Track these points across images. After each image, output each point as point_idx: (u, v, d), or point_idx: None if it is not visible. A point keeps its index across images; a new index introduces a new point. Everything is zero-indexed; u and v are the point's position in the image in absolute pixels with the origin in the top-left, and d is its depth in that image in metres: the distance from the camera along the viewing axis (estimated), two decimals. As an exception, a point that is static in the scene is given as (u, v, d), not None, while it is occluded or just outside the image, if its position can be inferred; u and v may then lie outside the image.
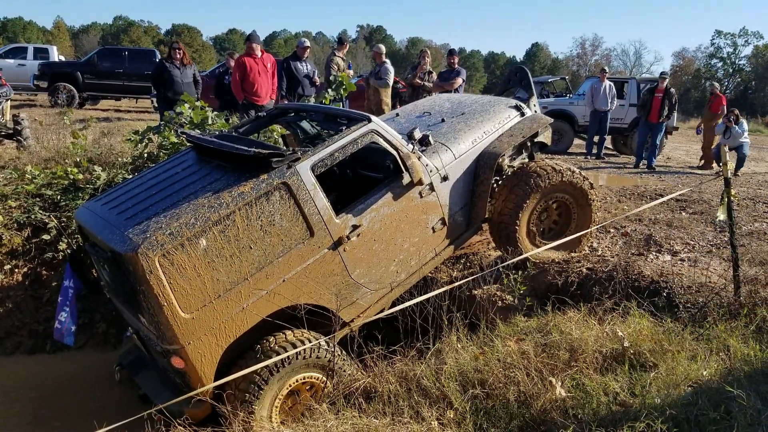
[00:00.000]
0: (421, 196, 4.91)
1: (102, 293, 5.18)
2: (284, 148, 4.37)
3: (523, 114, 6.00)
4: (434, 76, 11.24)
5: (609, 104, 13.36)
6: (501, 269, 5.39)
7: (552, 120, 6.20)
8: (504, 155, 5.48)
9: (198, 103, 7.63)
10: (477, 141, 5.46)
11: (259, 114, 5.81)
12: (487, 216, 5.49)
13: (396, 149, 4.69)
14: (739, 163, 11.92)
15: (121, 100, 20.04)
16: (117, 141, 8.50)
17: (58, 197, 6.68)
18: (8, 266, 6.18)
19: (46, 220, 6.36)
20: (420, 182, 4.77)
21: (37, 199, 6.69)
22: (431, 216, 5.02)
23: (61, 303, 5.19)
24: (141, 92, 17.80)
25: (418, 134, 4.90)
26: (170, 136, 7.05)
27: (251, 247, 3.98)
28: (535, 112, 6.40)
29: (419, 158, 4.83)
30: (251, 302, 4.03)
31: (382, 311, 4.65)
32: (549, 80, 20.49)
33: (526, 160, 5.98)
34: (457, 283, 4.78)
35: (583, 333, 4.10)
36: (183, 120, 7.41)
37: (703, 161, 13.25)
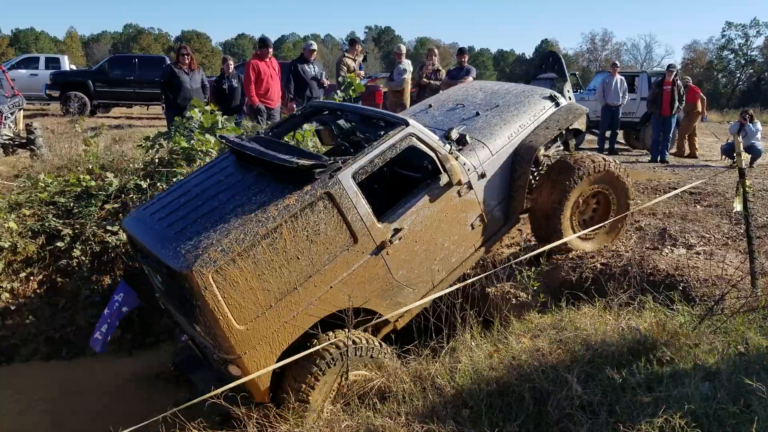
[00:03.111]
0: (460, 195, 4.91)
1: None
2: (324, 156, 4.40)
3: (557, 104, 5.97)
4: (442, 74, 11.21)
5: (620, 99, 13.25)
6: (514, 265, 5.35)
7: (588, 109, 6.19)
8: (541, 148, 5.50)
9: (207, 108, 7.67)
10: (513, 136, 5.46)
11: (294, 113, 5.84)
12: (525, 208, 5.53)
13: (434, 151, 4.69)
14: (755, 156, 11.84)
15: (133, 107, 20.16)
16: (128, 147, 8.56)
17: (72, 204, 6.73)
18: (23, 274, 6.23)
19: (60, 228, 6.40)
20: (459, 183, 4.80)
21: (51, 206, 6.75)
22: (470, 213, 5.04)
23: (106, 315, 5.27)
24: (152, 99, 17.93)
25: (455, 134, 4.89)
26: (180, 141, 7.08)
27: (299, 258, 4.07)
28: (569, 97, 6.38)
29: (457, 158, 4.84)
30: (301, 310, 4.12)
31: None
32: (559, 76, 20.41)
33: (561, 148, 6.03)
34: (469, 281, 4.76)
35: (598, 328, 4.06)
36: (193, 125, 7.44)
37: (675, 149, 13.44)
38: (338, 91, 8.75)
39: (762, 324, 4.06)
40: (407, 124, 4.61)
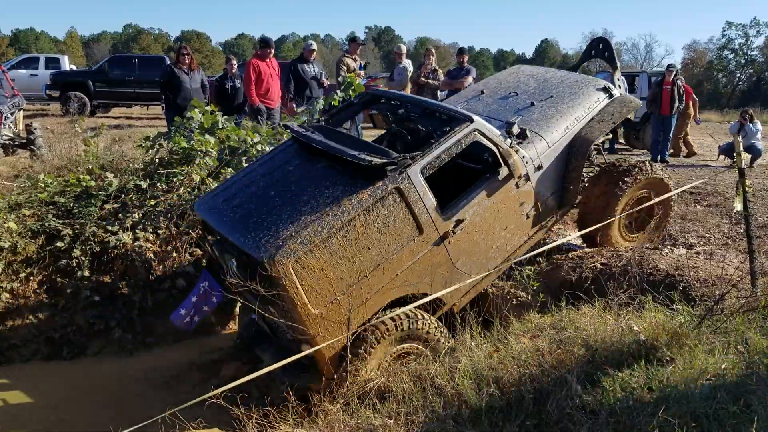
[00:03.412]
0: (518, 187, 5.14)
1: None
2: (395, 153, 4.55)
3: (611, 96, 6.07)
4: (440, 74, 11.22)
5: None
6: (513, 265, 5.36)
7: (641, 101, 6.32)
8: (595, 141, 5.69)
9: (208, 108, 7.66)
10: (569, 128, 5.64)
11: (352, 100, 6.07)
12: (577, 201, 5.75)
13: (497, 146, 4.90)
14: (755, 156, 11.84)
15: (133, 107, 20.16)
16: (128, 147, 8.55)
17: (71, 205, 6.72)
18: (23, 274, 6.22)
19: (60, 228, 6.40)
20: (519, 176, 5.04)
21: (51, 207, 6.73)
22: (526, 203, 5.26)
23: (191, 299, 5.26)
24: (152, 99, 17.92)
25: (516, 129, 5.05)
26: (180, 141, 7.07)
27: (369, 248, 4.35)
28: (620, 87, 6.49)
29: (517, 152, 5.04)
30: (370, 295, 4.40)
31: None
32: (559, 76, 20.39)
33: (610, 136, 6.07)
34: (469, 281, 4.76)
35: (598, 328, 4.06)
36: (193, 125, 7.43)
37: (672, 150, 13.41)
38: (338, 91, 8.74)
39: (762, 324, 4.06)
40: (472, 121, 4.81)
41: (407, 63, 11.13)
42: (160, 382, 5.59)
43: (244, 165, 6.99)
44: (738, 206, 4.78)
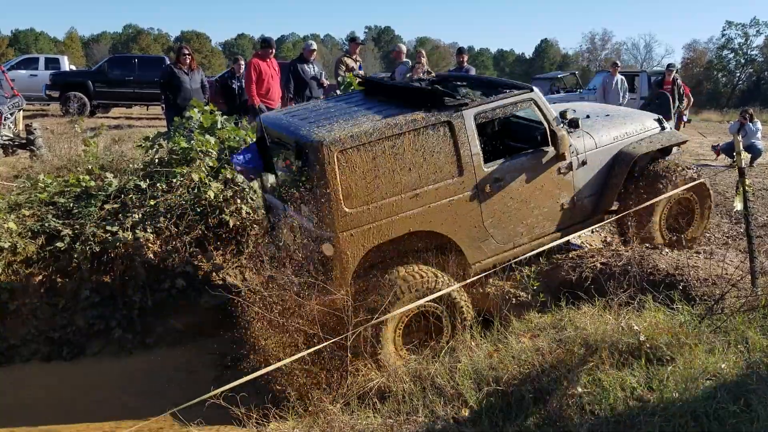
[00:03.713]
0: (559, 173, 5.36)
1: None
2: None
3: (663, 128, 6.33)
4: (433, 76, 11.20)
5: (621, 98, 13.20)
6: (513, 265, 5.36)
7: (687, 138, 6.60)
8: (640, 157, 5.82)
9: (207, 108, 7.66)
10: (618, 138, 5.83)
11: (423, 78, 6.57)
12: (612, 209, 5.88)
13: (548, 122, 5.18)
14: (755, 155, 11.84)
15: (132, 108, 20.16)
16: (128, 148, 8.55)
17: (71, 205, 6.72)
18: (23, 274, 6.22)
19: (60, 228, 6.39)
20: (563, 157, 5.26)
21: (51, 207, 6.73)
22: (563, 193, 5.45)
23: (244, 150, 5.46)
24: (152, 99, 17.91)
25: (570, 114, 5.44)
26: (180, 141, 7.07)
27: (410, 169, 4.57)
28: (670, 128, 6.78)
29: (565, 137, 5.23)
30: (399, 216, 4.58)
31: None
32: (559, 76, 20.45)
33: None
34: (469, 280, 4.76)
35: (598, 328, 4.06)
36: (192, 125, 7.43)
37: None
38: (338, 91, 8.74)
39: (762, 323, 4.06)
40: (532, 90, 5.21)
41: (407, 62, 11.11)
42: (160, 382, 5.59)
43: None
44: (738, 206, 4.78)
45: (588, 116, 6.06)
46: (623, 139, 5.86)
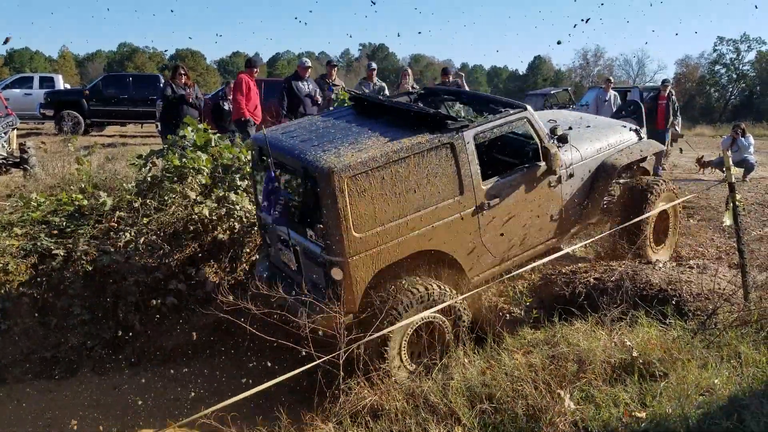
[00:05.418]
0: (550, 186, 5.55)
1: None
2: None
3: (640, 138, 6.66)
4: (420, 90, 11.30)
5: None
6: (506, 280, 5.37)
7: (664, 147, 6.89)
8: (621, 168, 6.09)
9: (201, 126, 7.67)
10: (601, 150, 6.12)
11: (411, 91, 6.63)
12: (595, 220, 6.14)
13: (541, 139, 5.36)
14: (748, 169, 11.91)
15: (127, 126, 20.19)
16: (121, 166, 8.55)
17: (64, 224, 6.69)
18: (15, 294, 6.18)
19: (52, 247, 6.36)
20: (555, 173, 5.44)
21: (43, 226, 6.70)
22: (552, 206, 5.65)
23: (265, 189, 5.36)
24: (146, 117, 17.95)
25: (560, 131, 5.57)
26: (174, 159, 7.07)
27: (415, 191, 4.65)
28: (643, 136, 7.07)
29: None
30: (405, 238, 4.65)
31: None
32: (552, 92, 20.49)
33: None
34: (461, 297, 4.75)
35: (591, 344, 4.05)
36: (185, 143, 7.43)
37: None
38: (331, 108, 8.78)
39: (755, 338, 4.06)
40: (526, 109, 5.36)
41: (380, 83, 11.34)
42: (153, 400, 5.55)
43: (238, 183, 7.00)
44: (727, 221, 4.81)
45: (570, 128, 6.23)
46: (606, 150, 6.13)
